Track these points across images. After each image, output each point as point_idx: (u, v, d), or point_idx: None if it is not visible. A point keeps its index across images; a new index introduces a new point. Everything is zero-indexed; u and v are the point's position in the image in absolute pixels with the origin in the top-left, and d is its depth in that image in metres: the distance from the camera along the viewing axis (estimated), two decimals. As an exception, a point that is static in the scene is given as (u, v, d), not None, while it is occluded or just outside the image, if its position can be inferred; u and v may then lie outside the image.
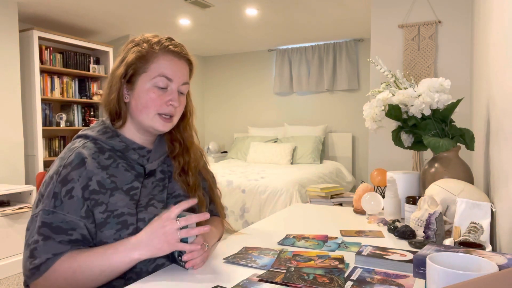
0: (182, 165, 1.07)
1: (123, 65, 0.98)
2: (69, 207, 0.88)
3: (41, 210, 0.88)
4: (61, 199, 0.88)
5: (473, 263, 0.60)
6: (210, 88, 6.31)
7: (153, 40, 0.99)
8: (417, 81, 2.89)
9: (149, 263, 0.93)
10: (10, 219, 2.97)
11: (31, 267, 0.85)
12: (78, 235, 0.88)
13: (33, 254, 0.85)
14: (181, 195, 1.04)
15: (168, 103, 0.97)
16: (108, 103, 1.00)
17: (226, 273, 0.87)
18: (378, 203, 1.35)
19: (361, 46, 5.15)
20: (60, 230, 0.87)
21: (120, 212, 0.91)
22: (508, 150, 0.85)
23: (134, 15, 3.99)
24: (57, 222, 0.87)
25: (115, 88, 0.98)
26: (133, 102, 0.98)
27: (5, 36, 3.44)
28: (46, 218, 0.87)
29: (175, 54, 0.99)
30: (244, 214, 3.66)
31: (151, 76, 0.96)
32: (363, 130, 5.11)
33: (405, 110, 1.33)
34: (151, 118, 0.97)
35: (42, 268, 0.85)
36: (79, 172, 0.90)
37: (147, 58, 0.96)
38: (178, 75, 0.98)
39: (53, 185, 0.89)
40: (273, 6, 3.76)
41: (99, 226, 0.90)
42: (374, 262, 0.89)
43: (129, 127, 1.02)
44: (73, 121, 4.28)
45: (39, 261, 0.85)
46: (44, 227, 0.86)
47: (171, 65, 0.97)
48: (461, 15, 2.88)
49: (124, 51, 1.00)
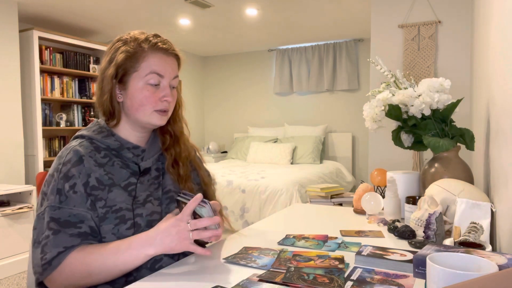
0: (174, 156, 1.08)
1: (112, 65, 0.98)
2: (74, 201, 0.90)
3: (47, 207, 0.89)
4: (65, 194, 0.90)
5: (473, 263, 0.60)
6: (210, 88, 6.31)
7: (141, 38, 0.99)
8: (417, 81, 2.89)
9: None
10: (10, 219, 2.97)
11: (43, 263, 0.86)
12: (86, 227, 0.89)
13: (44, 250, 0.87)
14: (171, 190, 1.05)
15: (163, 99, 0.99)
16: (102, 104, 1.01)
17: (226, 273, 0.87)
18: (378, 203, 1.35)
19: (361, 46, 5.15)
20: (69, 224, 0.88)
21: (119, 207, 0.93)
22: (508, 150, 0.85)
23: (134, 15, 3.99)
24: (65, 217, 0.89)
25: (107, 89, 0.99)
26: (128, 102, 0.99)
27: (5, 36, 3.44)
28: (53, 213, 0.88)
29: (163, 50, 1.00)
30: (244, 214, 3.65)
31: (142, 74, 0.97)
32: (363, 130, 5.11)
33: (405, 110, 1.33)
34: (148, 115, 0.99)
35: (54, 262, 0.86)
36: (78, 169, 0.92)
37: (137, 57, 0.97)
38: (168, 70, 1.00)
39: (55, 182, 0.91)
40: (273, 6, 3.75)
41: (100, 220, 0.92)
42: (374, 262, 0.89)
43: (124, 126, 1.03)
44: (73, 121, 4.28)
45: (50, 256, 0.86)
46: (52, 222, 0.88)
47: (161, 62, 0.99)
48: (461, 15, 2.88)
49: (112, 51, 1.00)
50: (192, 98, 6.04)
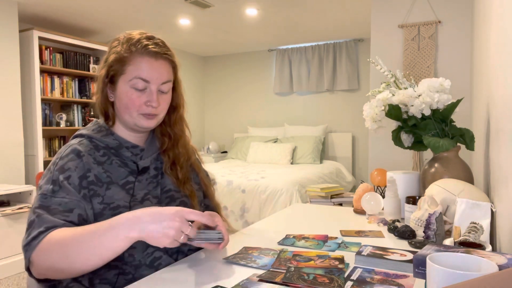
0: (172, 158, 1.07)
1: (105, 65, 0.99)
2: (68, 190, 0.89)
3: (39, 195, 0.89)
4: (59, 184, 0.89)
5: (473, 263, 0.60)
6: (210, 88, 6.31)
7: (133, 40, 0.97)
8: (417, 81, 2.89)
9: (147, 256, 0.94)
10: (10, 219, 2.97)
11: (24, 244, 0.83)
12: (74, 217, 0.87)
13: (28, 234, 0.84)
14: (171, 189, 1.05)
15: (147, 104, 0.97)
16: (97, 103, 1.02)
17: (226, 273, 0.87)
18: (378, 203, 1.35)
19: (361, 46, 5.15)
20: (57, 211, 0.86)
21: (116, 204, 0.93)
22: (508, 150, 0.85)
23: (134, 15, 3.99)
24: (55, 205, 0.87)
25: (99, 89, 1.00)
26: (117, 103, 1.00)
27: (5, 36, 3.44)
28: (44, 201, 0.88)
29: (151, 54, 0.96)
30: (244, 214, 3.65)
31: (128, 78, 0.96)
32: (363, 130, 5.11)
33: (405, 110, 1.33)
34: (135, 117, 0.98)
35: (34, 242, 0.82)
36: (75, 163, 0.93)
37: (124, 60, 0.96)
38: (155, 76, 0.96)
39: (51, 174, 0.91)
40: (273, 6, 3.75)
41: (96, 216, 0.91)
42: (374, 262, 0.88)
43: (119, 126, 1.03)
44: (73, 121, 4.28)
45: (31, 237, 0.83)
46: (40, 208, 0.86)
47: (147, 67, 0.95)
48: (461, 15, 2.88)
49: (108, 50, 1.01)
50: (192, 98, 6.04)
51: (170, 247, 0.79)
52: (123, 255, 0.91)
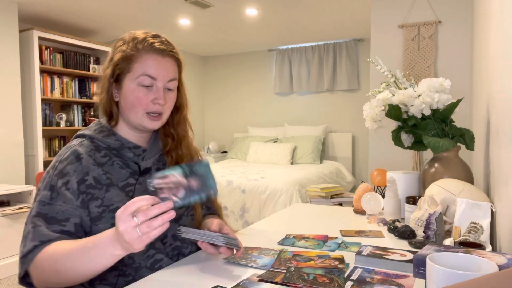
0: (175, 159, 1.06)
1: (110, 64, 0.99)
2: (65, 197, 0.89)
3: (38, 201, 0.89)
4: (57, 191, 0.89)
5: (473, 263, 0.60)
6: (210, 88, 6.31)
7: (139, 38, 0.97)
8: (417, 81, 2.89)
9: (148, 259, 0.94)
10: (10, 219, 2.97)
11: (20, 256, 0.85)
12: (71, 226, 0.88)
13: (23, 243, 0.86)
14: None
15: (154, 101, 0.97)
16: (101, 103, 1.01)
17: (226, 273, 0.87)
18: (378, 203, 1.35)
19: (361, 46, 5.15)
20: (54, 220, 0.87)
21: (116, 207, 0.92)
22: (508, 150, 0.85)
23: (134, 15, 3.99)
24: (53, 213, 0.88)
25: (104, 88, 0.99)
26: (122, 102, 0.99)
27: (5, 36, 3.44)
28: (42, 209, 0.88)
29: (158, 52, 0.97)
30: (244, 214, 3.65)
31: (135, 75, 0.96)
32: (363, 130, 5.11)
33: (405, 110, 1.33)
34: (139, 117, 0.97)
35: (30, 256, 0.84)
36: (74, 166, 0.92)
37: (131, 58, 0.96)
38: (162, 73, 0.97)
39: (49, 178, 0.92)
40: (273, 6, 3.75)
41: (94, 220, 0.91)
42: (374, 262, 0.89)
43: (123, 126, 1.03)
44: (73, 121, 4.28)
45: (26, 249, 0.84)
46: (38, 217, 0.87)
47: (154, 64, 0.96)
48: (461, 15, 2.88)
49: (112, 50, 1.01)
50: (192, 98, 6.02)
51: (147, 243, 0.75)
52: (123, 258, 0.91)
